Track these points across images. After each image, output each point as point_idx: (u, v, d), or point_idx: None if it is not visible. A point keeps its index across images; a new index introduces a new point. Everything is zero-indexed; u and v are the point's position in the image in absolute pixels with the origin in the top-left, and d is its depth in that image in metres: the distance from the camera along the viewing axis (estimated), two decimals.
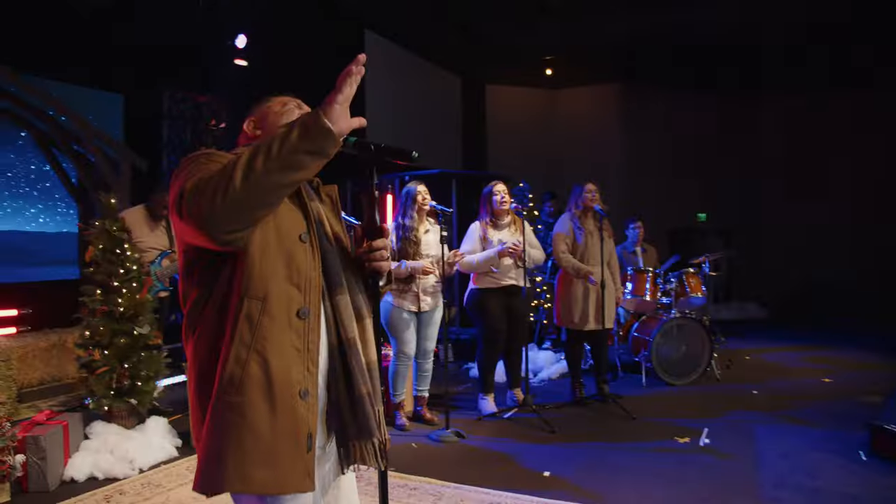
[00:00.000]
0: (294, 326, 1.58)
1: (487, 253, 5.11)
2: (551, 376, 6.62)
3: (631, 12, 8.93)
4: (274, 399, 1.52)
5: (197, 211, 1.42)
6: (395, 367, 5.05)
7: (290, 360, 1.56)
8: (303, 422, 1.56)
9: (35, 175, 6.32)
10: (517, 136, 11.74)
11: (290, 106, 1.85)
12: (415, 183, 5.05)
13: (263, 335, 1.53)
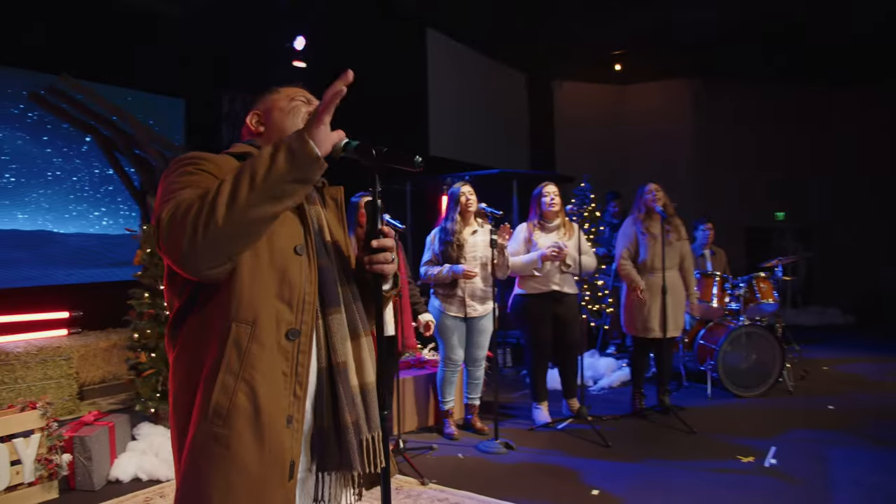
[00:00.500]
0: (282, 348, 1.47)
1: (530, 256, 4.91)
2: (612, 384, 6.34)
3: (701, 5, 8.50)
4: (262, 430, 1.42)
5: (175, 247, 1.32)
6: (443, 374, 4.91)
7: (279, 387, 1.45)
8: (287, 450, 1.46)
9: (98, 179, 6.48)
10: (585, 134, 11.43)
11: (297, 102, 1.72)
12: (459, 184, 4.89)
13: (252, 363, 1.43)
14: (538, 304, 4.99)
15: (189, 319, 1.49)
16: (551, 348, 5.11)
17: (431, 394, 5.17)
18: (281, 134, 1.65)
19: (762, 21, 8.88)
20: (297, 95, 1.74)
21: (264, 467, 1.42)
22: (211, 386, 1.41)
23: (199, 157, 1.52)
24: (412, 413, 5.11)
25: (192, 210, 1.31)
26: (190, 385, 1.46)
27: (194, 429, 1.42)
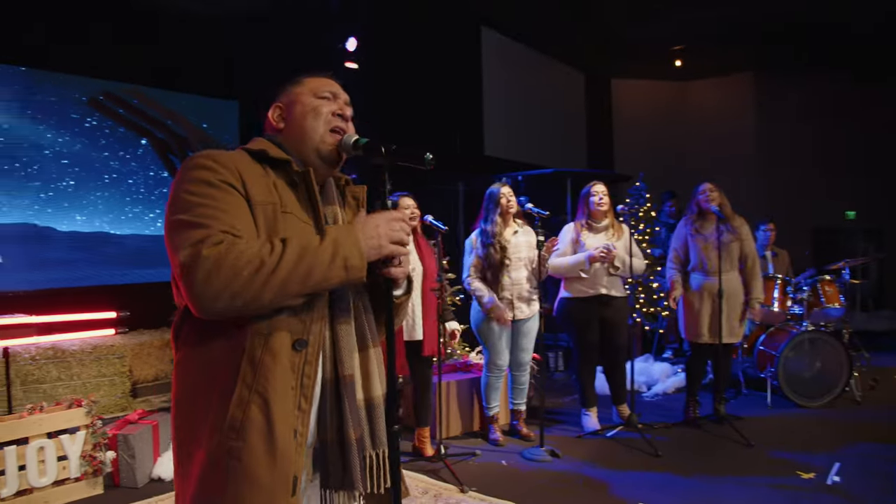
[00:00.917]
0: (289, 359, 1.43)
1: (577, 257, 4.76)
2: (666, 391, 6.11)
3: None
4: (274, 443, 1.39)
5: (207, 296, 1.33)
6: (487, 380, 4.81)
7: (288, 399, 1.42)
8: (292, 464, 1.42)
9: (153, 181, 6.62)
10: (643, 132, 11.14)
11: (320, 100, 1.62)
12: (498, 185, 4.77)
13: (265, 375, 1.40)
14: (585, 307, 4.85)
15: (194, 320, 1.44)
16: (599, 352, 4.95)
17: (476, 398, 5.08)
18: (300, 134, 1.60)
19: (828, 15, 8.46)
20: (321, 89, 1.65)
21: (275, 480, 1.39)
22: (227, 398, 1.39)
23: (213, 164, 1.44)
24: (456, 418, 5.03)
25: (240, 275, 1.32)
26: (197, 393, 1.44)
27: (207, 443, 1.40)
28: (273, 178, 1.51)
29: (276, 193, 1.49)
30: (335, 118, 1.60)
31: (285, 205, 1.49)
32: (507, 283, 4.64)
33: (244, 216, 1.41)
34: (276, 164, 1.53)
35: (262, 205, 1.45)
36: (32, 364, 5.10)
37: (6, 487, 3.49)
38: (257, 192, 1.45)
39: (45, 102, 5.80)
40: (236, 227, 1.38)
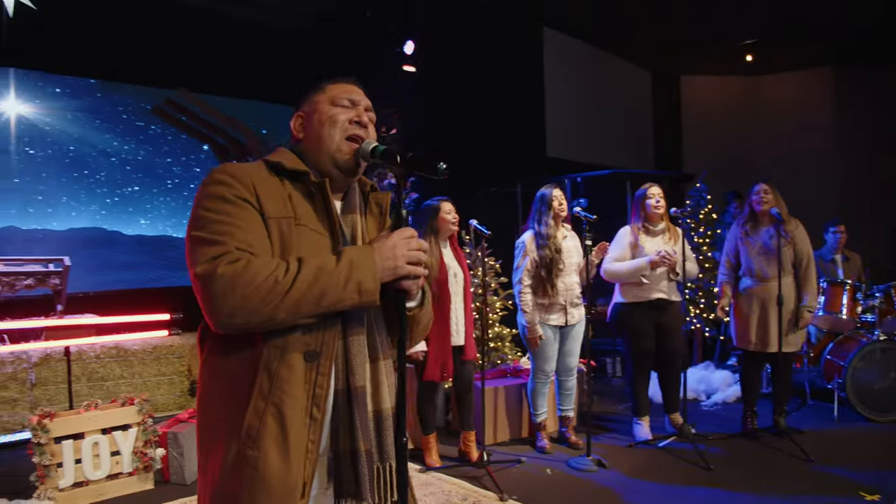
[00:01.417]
0: (302, 370, 1.45)
1: (638, 261, 4.62)
2: (726, 400, 5.87)
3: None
4: (288, 452, 1.43)
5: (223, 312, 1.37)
6: (534, 386, 4.73)
7: (301, 409, 1.45)
8: (303, 472, 1.45)
9: None
10: (714, 129, 10.77)
11: (337, 108, 1.61)
12: (549, 187, 4.69)
13: (281, 386, 1.43)
14: (640, 313, 4.71)
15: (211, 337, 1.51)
16: (654, 359, 4.81)
17: (525, 403, 5.01)
18: (317, 143, 1.60)
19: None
20: (339, 97, 1.63)
21: (286, 488, 1.42)
22: (244, 407, 1.43)
23: (229, 178, 1.47)
24: (504, 423, 4.98)
25: (255, 295, 1.35)
26: (218, 400, 1.49)
27: (225, 448, 1.45)
28: (289, 190, 1.52)
29: (290, 206, 1.50)
30: (352, 126, 1.60)
31: (300, 217, 1.50)
32: (561, 287, 4.56)
33: (258, 232, 1.44)
34: (293, 176, 1.55)
35: (276, 219, 1.47)
36: (97, 362, 5.34)
37: (64, 479, 3.66)
38: (271, 207, 1.47)
39: (113, 112, 6.08)
40: (251, 244, 1.41)
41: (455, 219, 4.36)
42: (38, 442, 3.59)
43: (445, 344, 4.23)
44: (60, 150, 5.72)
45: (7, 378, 5.00)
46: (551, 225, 4.59)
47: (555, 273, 4.52)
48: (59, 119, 5.78)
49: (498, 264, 5.95)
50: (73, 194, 5.74)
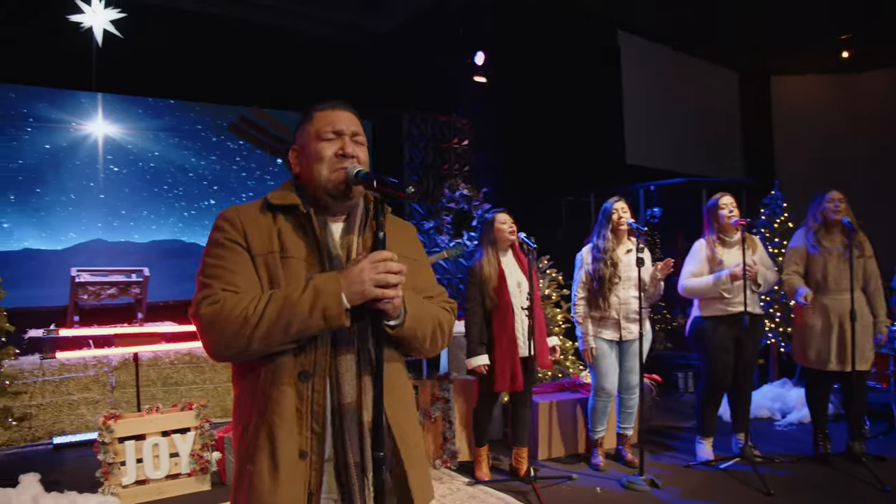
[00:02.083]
0: (297, 389, 1.56)
1: (717, 275, 4.41)
2: (802, 420, 5.54)
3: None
4: (277, 465, 1.53)
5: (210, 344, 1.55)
6: (594, 403, 4.61)
7: (293, 425, 1.55)
8: (301, 483, 1.54)
9: None
10: (808, 132, 10.22)
11: (322, 142, 1.67)
12: (612, 200, 4.59)
13: (272, 407, 1.55)
14: (721, 327, 4.48)
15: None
16: (731, 378, 4.58)
17: (583, 418, 4.91)
18: (310, 178, 1.68)
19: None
20: (324, 130, 1.68)
21: (278, 499, 1.52)
22: (248, 426, 1.59)
23: (224, 223, 1.63)
24: (559, 439, 4.89)
25: (228, 329, 1.51)
26: (237, 419, 1.66)
27: (237, 463, 1.62)
28: (280, 224, 1.64)
29: (277, 241, 1.62)
30: (338, 159, 1.65)
31: (287, 250, 1.61)
32: (615, 301, 4.45)
33: (246, 271, 1.59)
34: (285, 209, 1.66)
35: (262, 256, 1.61)
36: (171, 368, 5.64)
37: (126, 476, 3.89)
38: (258, 245, 1.61)
39: (191, 130, 6.42)
40: (237, 284, 1.56)
41: (511, 228, 4.33)
42: (103, 441, 3.82)
43: (512, 354, 4.18)
44: (142, 167, 6.10)
45: (90, 380, 5.35)
46: (609, 238, 4.49)
47: (608, 287, 4.42)
48: (141, 138, 6.17)
49: (560, 276, 5.88)
50: (153, 208, 6.10)
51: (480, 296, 4.27)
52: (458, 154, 8.93)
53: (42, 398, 5.14)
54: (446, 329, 1.78)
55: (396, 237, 1.72)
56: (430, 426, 4.69)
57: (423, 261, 1.85)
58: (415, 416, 1.78)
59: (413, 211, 8.59)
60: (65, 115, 6.11)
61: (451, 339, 1.84)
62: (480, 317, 4.27)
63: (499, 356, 4.20)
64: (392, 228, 1.72)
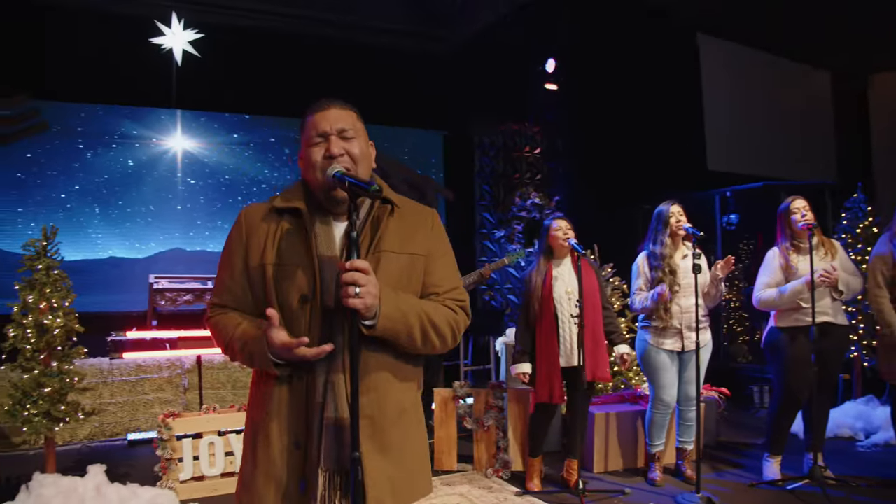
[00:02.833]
0: (293, 386, 1.67)
1: (793, 285, 4.14)
2: (888, 441, 5.12)
3: None
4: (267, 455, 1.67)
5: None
6: (652, 416, 4.43)
7: (284, 418, 1.67)
8: (294, 470, 1.66)
9: None
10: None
11: (312, 147, 1.74)
12: (668, 203, 4.42)
13: (266, 400, 1.69)
14: (799, 339, 4.20)
15: None
16: (808, 393, 4.30)
17: (642, 431, 4.74)
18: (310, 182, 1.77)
19: None
20: (312, 136, 1.75)
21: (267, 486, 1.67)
22: (251, 421, 1.76)
23: (234, 229, 1.81)
24: (616, 451, 4.74)
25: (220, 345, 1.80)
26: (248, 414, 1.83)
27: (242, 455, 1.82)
28: (283, 228, 1.74)
29: (272, 252, 1.72)
30: (326, 162, 1.70)
31: (282, 256, 1.71)
32: (676, 310, 4.27)
33: (237, 282, 1.77)
34: (290, 211, 1.75)
35: (254, 269, 1.73)
36: (241, 371, 5.86)
37: (183, 472, 4.06)
38: (254, 255, 1.73)
39: (265, 143, 6.69)
40: (226, 298, 1.78)
41: (566, 235, 4.26)
42: (161, 438, 4.01)
43: (552, 365, 4.12)
44: (217, 178, 6.41)
45: (164, 381, 5.64)
46: (667, 244, 4.33)
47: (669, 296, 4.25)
48: (217, 151, 6.49)
49: (624, 285, 5.72)
50: (228, 218, 6.39)
51: (528, 304, 4.23)
52: (530, 162, 8.89)
53: (120, 397, 5.46)
54: (442, 326, 1.75)
55: (400, 231, 1.76)
56: (484, 435, 4.66)
57: (436, 255, 1.82)
58: (406, 415, 1.77)
59: (484, 220, 8.60)
60: (147, 131, 6.53)
61: (457, 336, 1.82)
62: (525, 325, 4.23)
63: (539, 366, 4.14)
64: (401, 222, 1.77)
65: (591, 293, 4.20)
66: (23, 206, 6.25)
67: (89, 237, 6.36)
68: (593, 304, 4.20)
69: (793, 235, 4.29)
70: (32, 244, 4.02)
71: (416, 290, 1.77)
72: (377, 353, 1.69)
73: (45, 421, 3.94)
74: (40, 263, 4.00)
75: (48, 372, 3.95)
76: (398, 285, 1.71)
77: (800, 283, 4.08)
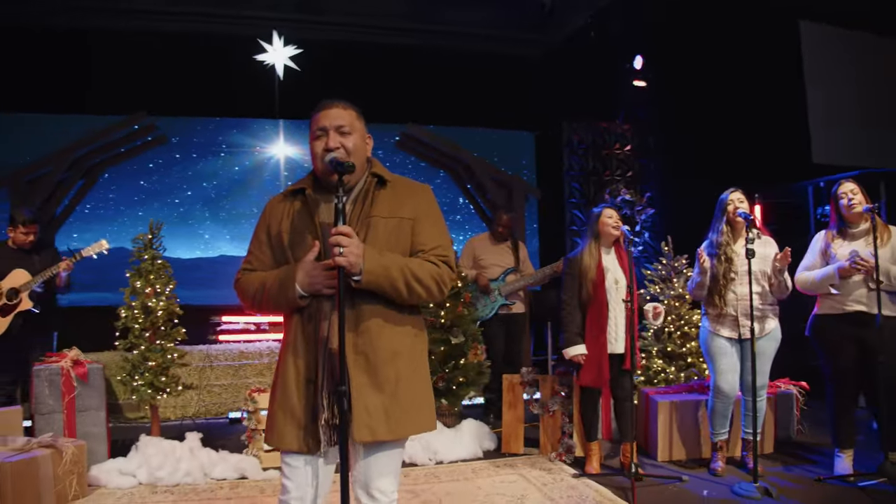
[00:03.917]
0: (305, 324, 2.06)
1: (825, 270, 4.09)
2: None
3: None
4: (285, 389, 2.05)
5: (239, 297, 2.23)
6: (712, 404, 4.41)
7: (300, 357, 2.05)
8: (308, 402, 2.02)
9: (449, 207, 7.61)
10: None
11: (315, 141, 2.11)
12: (730, 190, 4.40)
13: (287, 338, 2.11)
14: (836, 326, 4.14)
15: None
16: (857, 383, 4.17)
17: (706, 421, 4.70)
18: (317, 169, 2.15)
19: None
20: (315, 131, 2.14)
21: (282, 418, 2.04)
22: (279, 356, 2.16)
23: (262, 216, 2.23)
24: (680, 440, 4.74)
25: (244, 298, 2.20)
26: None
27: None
28: (295, 206, 2.16)
29: (287, 221, 2.14)
30: (326, 153, 2.06)
31: (295, 227, 2.12)
32: (731, 298, 4.25)
33: (264, 251, 2.18)
34: (297, 194, 2.17)
35: (274, 237, 2.16)
36: None
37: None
38: (274, 227, 2.16)
39: None
40: (254, 263, 2.19)
41: (616, 224, 4.36)
42: (248, 410, 4.48)
43: (600, 348, 4.23)
44: None
45: (264, 367, 6.20)
46: (724, 231, 4.31)
47: (722, 283, 4.24)
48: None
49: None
50: None
51: (577, 286, 4.33)
52: (620, 160, 8.86)
53: (224, 380, 6.07)
54: (425, 279, 2.06)
55: (391, 201, 2.13)
56: (549, 420, 4.81)
57: (422, 219, 2.15)
58: (400, 357, 2.07)
59: (574, 217, 8.67)
60: (252, 140, 7.22)
61: (443, 288, 2.14)
62: (576, 307, 4.33)
63: (588, 349, 4.24)
64: (392, 194, 2.15)
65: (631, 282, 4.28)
66: (143, 211, 7.16)
67: (201, 238, 7.10)
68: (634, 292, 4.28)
69: (841, 220, 4.17)
70: (140, 238, 4.65)
71: (405, 248, 2.11)
72: (369, 302, 2.02)
73: (150, 391, 4.53)
74: (146, 254, 4.62)
75: (152, 348, 4.54)
76: (387, 245, 2.05)
77: (831, 269, 4.01)
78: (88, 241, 7.19)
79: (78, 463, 3.85)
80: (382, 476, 2.08)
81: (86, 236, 7.34)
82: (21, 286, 4.69)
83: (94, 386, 4.45)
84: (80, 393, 4.38)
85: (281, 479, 2.11)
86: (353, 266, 1.91)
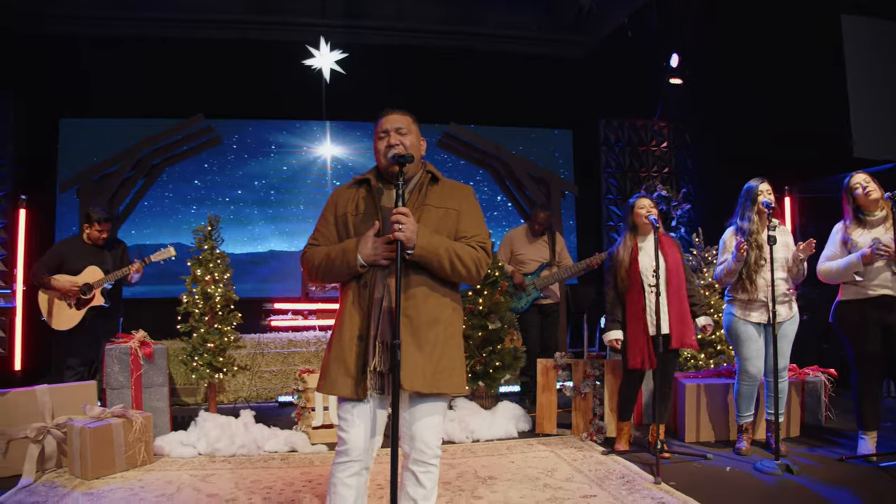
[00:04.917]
0: (361, 289, 2.43)
1: (848, 259, 4.24)
2: None
3: None
4: (340, 344, 2.41)
5: (304, 272, 2.66)
6: (739, 387, 4.59)
7: (355, 316, 2.40)
8: (359, 355, 2.36)
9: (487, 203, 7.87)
10: None
11: (379, 142, 2.51)
12: (756, 180, 4.57)
13: (344, 299, 2.47)
14: (860, 310, 4.28)
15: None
16: (881, 366, 4.31)
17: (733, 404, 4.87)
18: (380, 166, 2.54)
19: None
20: (378, 133, 2.55)
21: (338, 371, 2.38)
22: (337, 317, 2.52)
23: (329, 200, 2.63)
24: (706, 422, 4.91)
25: (309, 269, 2.54)
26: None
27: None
28: (362, 193, 2.56)
29: (353, 205, 2.53)
30: (388, 150, 2.47)
31: (359, 212, 2.51)
32: (762, 283, 4.43)
33: (330, 230, 2.56)
34: (362, 183, 2.58)
35: (341, 216, 2.55)
36: None
37: (315, 420, 4.84)
38: (340, 210, 2.56)
39: None
40: (325, 237, 2.56)
41: (648, 213, 4.57)
42: (297, 389, 4.83)
43: (639, 333, 4.43)
44: None
45: (311, 355, 6.56)
46: (754, 220, 4.49)
47: (753, 269, 4.42)
48: (362, 157, 7.42)
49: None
50: None
51: (614, 278, 4.58)
52: (657, 157, 9.00)
53: (274, 366, 6.46)
54: (466, 259, 2.42)
55: (441, 195, 2.52)
56: (581, 402, 5.04)
57: (466, 211, 2.53)
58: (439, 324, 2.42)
59: (611, 214, 8.84)
60: (300, 140, 7.63)
61: (481, 269, 2.48)
62: (613, 297, 4.58)
63: (630, 335, 4.46)
64: (442, 190, 2.54)
65: (676, 266, 4.47)
66: (196, 208, 7.65)
67: (252, 234, 7.54)
68: (678, 277, 4.47)
69: (856, 209, 4.31)
70: (201, 229, 5.06)
71: (451, 235, 2.47)
72: (418, 273, 2.39)
73: (209, 370, 4.92)
74: (206, 245, 5.02)
75: (211, 331, 4.93)
76: (436, 229, 2.43)
77: (854, 257, 4.15)
78: (147, 236, 7.79)
79: (146, 432, 4.25)
80: (426, 429, 2.41)
81: (145, 232, 7.87)
82: (95, 283, 5.13)
83: (158, 365, 4.86)
84: (146, 371, 4.80)
85: (337, 433, 2.45)
86: (408, 241, 2.27)
